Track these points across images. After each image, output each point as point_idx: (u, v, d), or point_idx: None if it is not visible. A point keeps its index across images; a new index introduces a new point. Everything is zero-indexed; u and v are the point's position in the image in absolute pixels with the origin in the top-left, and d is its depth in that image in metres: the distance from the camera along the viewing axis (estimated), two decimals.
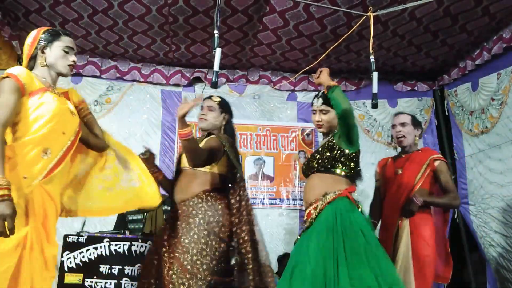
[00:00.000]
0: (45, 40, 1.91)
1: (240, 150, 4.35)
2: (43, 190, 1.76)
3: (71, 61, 1.94)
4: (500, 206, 3.54)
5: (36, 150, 1.73)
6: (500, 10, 3.21)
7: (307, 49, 3.89)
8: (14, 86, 1.73)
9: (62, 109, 1.84)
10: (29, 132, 1.74)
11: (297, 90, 4.48)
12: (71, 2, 3.27)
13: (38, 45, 1.91)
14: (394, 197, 2.64)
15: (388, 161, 2.85)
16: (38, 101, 1.78)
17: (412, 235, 2.49)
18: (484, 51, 3.66)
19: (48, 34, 1.93)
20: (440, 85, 4.46)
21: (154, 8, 3.33)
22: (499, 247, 3.56)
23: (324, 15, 3.34)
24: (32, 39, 1.92)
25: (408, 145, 2.75)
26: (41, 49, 1.90)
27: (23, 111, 1.75)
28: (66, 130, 1.86)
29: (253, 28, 3.61)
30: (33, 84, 1.80)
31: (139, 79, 4.29)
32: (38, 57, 1.91)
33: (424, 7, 3.14)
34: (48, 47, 1.91)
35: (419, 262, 2.44)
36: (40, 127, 1.75)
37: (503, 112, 3.50)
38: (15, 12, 3.42)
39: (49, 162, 1.77)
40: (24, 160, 1.71)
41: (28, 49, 1.92)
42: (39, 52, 1.90)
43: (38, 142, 1.74)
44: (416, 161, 2.66)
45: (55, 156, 1.80)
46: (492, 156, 3.66)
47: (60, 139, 1.83)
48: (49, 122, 1.77)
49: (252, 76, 4.43)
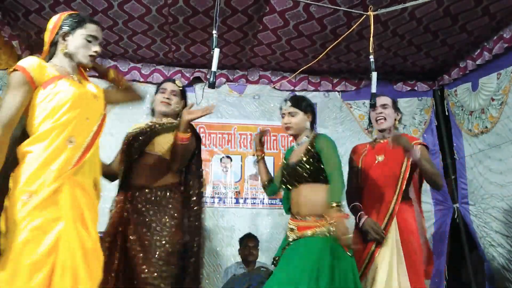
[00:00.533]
0: (68, 26, 1.78)
1: (240, 150, 4.38)
2: (74, 181, 1.66)
3: (93, 51, 1.81)
4: (500, 206, 3.54)
5: (59, 140, 1.63)
6: (500, 10, 3.21)
7: (307, 49, 3.89)
8: (22, 80, 1.64)
9: (81, 95, 1.73)
10: (49, 123, 1.64)
11: (297, 90, 4.47)
12: (71, 2, 3.26)
13: (59, 31, 1.78)
14: (376, 186, 2.49)
15: (367, 147, 2.67)
16: (53, 90, 1.67)
17: (401, 229, 2.38)
18: (484, 51, 3.66)
19: (71, 19, 1.80)
20: (440, 85, 4.45)
21: (154, 8, 3.32)
22: (499, 247, 3.56)
23: (324, 15, 3.33)
24: (53, 24, 1.81)
25: (387, 128, 2.61)
26: (62, 35, 1.78)
27: (38, 103, 1.66)
28: (89, 116, 1.75)
29: (253, 28, 3.61)
30: (45, 74, 1.69)
31: (139, 79, 4.28)
32: (59, 44, 1.79)
33: (424, 7, 3.14)
34: (71, 34, 1.78)
35: (411, 256, 2.35)
36: (60, 116, 1.65)
37: (503, 112, 3.50)
38: (15, 12, 3.42)
39: (75, 151, 1.67)
40: (48, 152, 1.60)
41: (48, 34, 1.81)
42: (60, 39, 1.78)
43: (60, 131, 1.64)
44: (397, 148, 2.48)
45: (81, 144, 1.69)
46: (492, 156, 3.66)
47: (84, 125, 1.72)
48: (69, 110, 1.67)
49: (252, 76, 4.43)
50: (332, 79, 4.48)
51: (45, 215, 1.54)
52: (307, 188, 2.24)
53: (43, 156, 1.59)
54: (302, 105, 2.37)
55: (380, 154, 2.56)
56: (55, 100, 1.65)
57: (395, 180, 2.45)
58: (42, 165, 1.58)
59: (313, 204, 2.19)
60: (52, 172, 1.58)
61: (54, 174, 1.59)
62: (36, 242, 1.51)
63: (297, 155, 2.33)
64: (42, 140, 1.61)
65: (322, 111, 4.46)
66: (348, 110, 4.48)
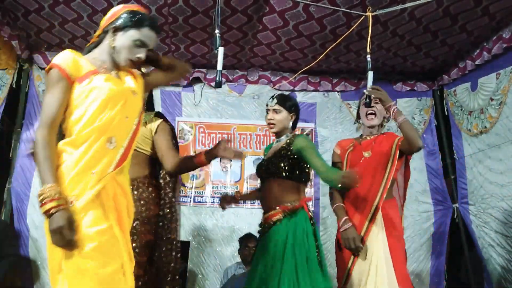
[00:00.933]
0: (123, 22, 1.67)
1: (239, 150, 4.38)
2: (116, 182, 1.57)
3: (136, 56, 1.68)
4: (500, 206, 3.54)
5: (99, 142, 1.53)
6: (499, 10, 3.21)
7: (307, 49, 3.89)
8: (58, 77, 1.54)
9: (120, 91, 1.61)
10: (87, 122, 1.53)
11: (296, 90, 4.48)
12: (71, 2, 3.26)
13: (114, 24, 1.67)
14: (362, 182, 2.38)
15: (353, 143, 2.63)
16: (88, 86, 1.56)
17: (386, 226, 2.36)
18: (484, 51, 3.66)
19: (130, 17, 1.68)
20: (439, 85, 4.46)
21: (153, 8, 3.32)
22: (499, 247, 3.56)
23: (324, 15, 3.34)
24: (112, 14, 1.71)
25: (376, 126, 2.58)
26: (113, 29, 1.67)
27: (74, 98, 1.56)
28: (129, 114, 1.63)
29: (252, 28, 3.61)
30: (81, 68, 1.59)
31: None
32: (108, 36, 1.68)
33: (424, 7, 3.14)
34: (123, 31, 1.66)
35: (396, 256, 2.32)
36: (98, 114, 1.54)
37: (502, 112, 3.50)
38: (14, 12, 3.41)
39: (116, 152, 1.57)
40: (89, 156, 1.51)
41: (103, 22, 1.71)
42: (111, 32, 1.67)
43: (99, 132, 1.53)
44: (384, 144, 2.48)
45: (121, 143, 1.59)
46: (492, 156, 3.66)
47: (123, 124, 1.61)
48: (108, 108, 1.56)
49: (252, 76, 4.43)
50: (332, 79, 4.48)
51: (91, 219, 1.46)
52: (276, 182, 2.31)
53: (84, 159, 1.50)
54: (287, 104, 2.43)
55: (367, 150, 2.53)
56: (91, 98, 1.55)
57: (381, 176, 2.43)
58: (84, 169, 1.49)
59: (281, 198, 2.28)
60: (94, 175, 1.50)
61: (96, 176, 1.50)
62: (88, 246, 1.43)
63: (272, 152, 2.41)
64: (81, 143, 1.52)
65: (322, 111, 4.47)
66: (347, 110, 4.48)
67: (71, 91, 1.56)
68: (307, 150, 2.26)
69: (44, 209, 1.39)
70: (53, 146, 1.50)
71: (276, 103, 2.41)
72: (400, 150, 2.42)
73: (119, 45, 1.66)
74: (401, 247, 2.41)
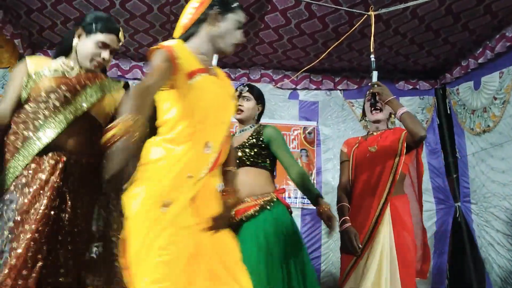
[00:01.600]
0: (221, 7, 1.56)
1: None
2: (209, 184, 1.52)
3: (238, 39, 1.60)
4: (502, 204, 3.53)
5: (199, 145, 1.46)
6: (502, 8, 3.20)
7: (309, 47, 3.89)
8: (164, 57, 1.41)
9: (223, 95, 1.55)
10: (189, 124, 1.45)
11: (298, 88, 4.47)
12: (73, 1, 3.27)
13: (209, 10, 1.54)
14: (368, 178, 2.41)
15: (359, 140, 2.60)
16: (195, 85, 1.46)
17: (394, 224, 2.30)
18: (487, 49, 3.65)
19: (226, 1, 1.58)
20: (442, 84, 4.44)
21: (155, 7, 3.33)
22: (499, 246, 3.55)
23: (326, 13, 3.33)
24: (199, 2, 1.57)
25: (382, 120, 2.55)
26: (214, 15, 1.53)
27: (178, 96, 1.46)
28: (225, 119, 1.58)
29: (254, 27, 3.61)
30: (191, 62, 1.48)
31: (140, 78, 4.29)
32: (206, 25, 1.54)
33: (426, 6, 3.14)
34: (224, 16, 1.55)
35: (403, 255, 2.26)
36: (202, 117, 1.47)
37: (506, 111, 3.49)
38: (17, 11, 3.42)
39: (211, 157, 1.50)
40: (187, 157, 1.44)
41: (193, 12, 1.56)
42: (210, 19, 1.53)
43: (201, 135, 1.47)
44: (390, 139, 2.43)
45: (216, 148, 1.52)
46: (495, 155, 3.65)
47: (219, 129, 1.55)
48: (211, 112, 1.49)
49: (254, 74, 4.43)
50: (334, 78, 4.47)
51: (186, 225, 1.41)
52: (246, 171, 2.30)
53: (182, 161, 1.43)
54: (256, 94, 2.49)
55: (372, 145, 2.49)
56: (197, 98, 1.47)
57: (388, 171, 2.36)
58: (181, 172, 1.42)
59: (251, 186, 2.26)
60: (190, 180, 1.43)
61: (192, 181, 1.43)
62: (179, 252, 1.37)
63: (238, 141, 2.40)
64: (181, 143, 1.44)
65: (324, 110, 4.46)
66: (350, 109, 4.48)
67: (173, 80, 1.45)
68: (279, 141, 2.30)
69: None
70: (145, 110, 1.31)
71: (247, 91, 2.46)
72: (407, 144, 2.35)
73: (224, 31, 1.56)
74: (408, 248, 2.31)
